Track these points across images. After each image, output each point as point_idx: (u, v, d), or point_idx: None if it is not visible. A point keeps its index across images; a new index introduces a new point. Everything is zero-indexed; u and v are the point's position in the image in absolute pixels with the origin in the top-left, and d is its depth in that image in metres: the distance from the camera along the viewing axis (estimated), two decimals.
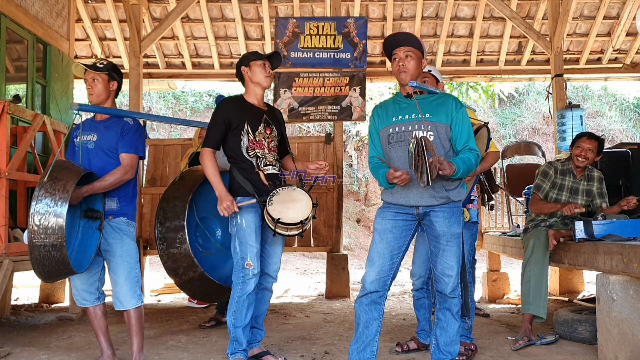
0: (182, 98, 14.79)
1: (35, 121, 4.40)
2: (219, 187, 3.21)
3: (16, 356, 3.63)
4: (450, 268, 2.83)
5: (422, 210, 2.84)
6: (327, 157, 6.57)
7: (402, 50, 2.91)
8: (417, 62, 2.91)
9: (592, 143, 4.08)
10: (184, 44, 7.83)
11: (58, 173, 2.88)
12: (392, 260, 2.87)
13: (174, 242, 3.74)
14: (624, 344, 3.14)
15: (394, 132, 2.88)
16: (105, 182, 3.10)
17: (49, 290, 5.90)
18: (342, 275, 6.32)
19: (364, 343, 2.91)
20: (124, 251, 3.17)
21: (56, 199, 2.79)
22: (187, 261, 3.71)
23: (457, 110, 2.86)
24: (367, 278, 2.88)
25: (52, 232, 2.76)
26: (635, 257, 3.05)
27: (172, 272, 3.82)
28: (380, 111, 2.99)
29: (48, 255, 2.79)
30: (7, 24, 5.36)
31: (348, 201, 12.81)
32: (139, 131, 3.30)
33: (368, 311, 2.90)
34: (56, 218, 2.77)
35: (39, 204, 2.77)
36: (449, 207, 2.84)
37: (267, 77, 3.39)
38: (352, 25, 6.85)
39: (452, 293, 2.87)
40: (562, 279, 6.19)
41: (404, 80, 2.90)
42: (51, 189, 2.80)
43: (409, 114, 2.88)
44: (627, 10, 7.55)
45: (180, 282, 3.84)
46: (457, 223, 2.85)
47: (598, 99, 15.72)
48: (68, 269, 2.88)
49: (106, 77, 3.27)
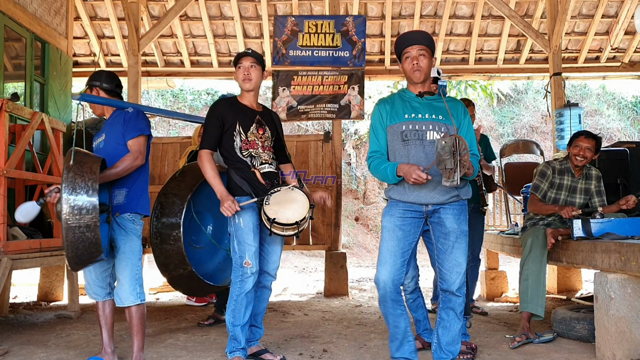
0: (180, 96, 14.79)
1: (34, 119, 4.40)
2: (219, 189, 3.21)
3: (15, 354, 3.63)
4: (458, 265, 2.86)
5: (432, 208, 2.86)
6: (326, 155, 6.58)
7: (415, 48, 2.89)
8: (429, 61, 2.92)
9: (589, 142, 4.08)
10: (183, 42, 7.82)
11: (82, 157, 2.90)
12: (403, 258, 2.89)
13: (168, 238, 3.77)
14: (622, 342, 3.16)
15: (407, 129, 2.86)
16: (116, 169, 3.10)
17: (48, 289, 5.90)
18: (341, 273, 6.33)
19: (398, 340, 2.96)
20: (127, 249, 3.17)
21: (86, 179, 2.79)
22: (178, 258, 3.77)
23: (465, 116, 2.95)
24: (380, 277, 2.87)
25: (86, 212, 2.76)
26: (633, 255, 3.06)
27: (163, 268, 3.89)
28: (387, 107, 2.95)
29: (82, 237, 2.79)
30: (5, 21, 5.35)
31: (347, 199, 12.82)
32: (140, 115, 3.31)
33: (393, 312, 2.93)
34: (89, 198, 2.77)
35: (69, 185, 2.77)
36: (458, 205, 2.87)
37: (244, 80, 3.37)
38: (350, 23, 6.84)
39: (458, 291, 2.88)
40: (560, 278, 6.20)
41: (419, 78, 2.90)
42: (79, 171, 2.81)
43: (422, 113, 2.88)
44: (625, 8, 7.56)
45: (170, 278, 3.93)
46: (465, 221, 2.89)
47: (596, 97, 15.74)
48: (99, 251, 2.87)
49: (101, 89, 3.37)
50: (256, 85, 3.42)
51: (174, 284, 3.98)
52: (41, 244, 4.34)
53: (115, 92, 3.42)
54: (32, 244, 4.24)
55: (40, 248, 4.32)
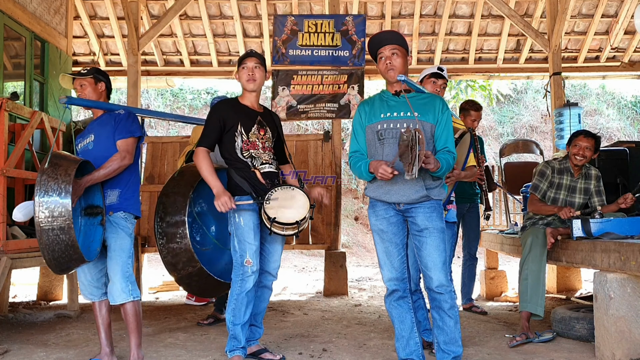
0: (180, 95, 14.78)
1: (33, 118, 4.40)
2: (216, 185, 3.21)
3: (14, 353, 3.63)
4: (433, 261, 2.86)
5: (404, 207, 2.91)
6: (326, 154, 6.58)
7: (387, 48, 2.96)
8: (403, 60, 2.97)
9: (589, 141, 4.09)
10: (182, 42, 7.82)
11: (58, 160, 2.92)
12: (399, 255, 2.96)
13: (174, 237, 3.74)
14: (621, 342, 3.16)
15: (382, 128, 2.92)
16: (105, 170, 3.11)
17: (47, 288, 5.89)
18: (340, 272, 6.33)
19: (404, 338, 3.00)
20: (117, 246, 3.17)
21: (59, 182, 2.83)
22: (186, 256, 3.72)
23: (443, 112, 2.95)
24: (385, 278, 2.99)
25: (58, 215, 2.80)
26: (633, 255, 3.07)
27: (171, 267, 3.82)
28: (367, 108, 3.03)
29: (57, 239, 2.82)
30: (5, 21, 5.35)
31: (346, 199, 12.82)
32: (131, 117, 3.32)
33: (397, 307, 3.00)
34: (62, 200, 2.81)
35: (42, 188, 2.80)
36: (429, 204, 2.90)
37: (248, 80, 3.38)
38: (350, 23, 6.84)
39: (438, 288, 2.88)
40: (559, 277, 6.20)
41: (392, 77, 2.96)
42: (53, 174, 2.84)
43: (398, 111, 2.93)
44: (625, 8, 7.56)
45: (179, 277, 3.85)
46: (439, 218, 2.90)
47: (596, 97, 15.75)
48: (77, 253, 2.89)
49: (92, 80, 3.36)
50: (259, 85, 3.44)
51: (184, 283, 3.91)
52: None
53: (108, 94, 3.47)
54: (32, 243, 4.24)
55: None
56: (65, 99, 3.28)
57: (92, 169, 3.10)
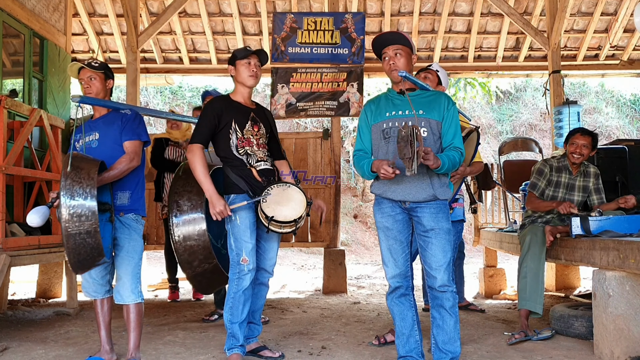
0: (179, 93, 14.77)
1: (32, 116, 4.39)
2: (209, 190, 3.19)
3: (13, 351, 3.63)
4: (437, 262, 2.87)
5: (409, 205, 2.92)
6: (325, 152, 6.58)
7: (391, 48, 2.97)
8: (407, 59, 2.98)
9: (586, 139, 4.09)
10: (182, 39, 7.81)
11: (79, 163, 2.91)
12: (404, 252, 2.96)
13: (192, 234, 3.70)
14: (620, 340, 3.16)
15: (388, 127, 2.93)
16: (114, 172, 3.11)
17: (46, 285, 5.90)
18: (340, 270, 6.34)
19: (405, 335, 3.01)
20: (130, 247, 3.20)
21: (84, 186, 2.81)
22: (204, 253, 3.67)
23: (448, 109, 2.94)
24: (388, 275, 2.99)
25: (85, 219, 2.78)
26: (632, 253, 3.07)
27: (186, 265, 3.76)
28: (372, 106, 3.05)
29: (83, 242, 2.81)
30: (3, 18, 5.34)
31: (345, 197, 12.82)
32: (138, 118, 3.32)
33: (399, 304, 3.01)
34: (88, 204, 2.79)
35: (67, 193, 2.78)
36: (435, 204, 2.90)
37: (251, 76, 3.38)
38: (349, 20, 6.83)
39: (441, 288, 2.89)
40: (558, 275, 6.21)
41: (396, 77, 2.96)
42: (77, 178, 2.82)
43: (403, 109, 2.94)
44: (624, 6, 7.56)
45: (193, 275, 3.80)
46: (445, 218, 2.90)
47: (595, 95, 15.75)
48: (101, 255, 2.89)
49: (103, 75, 3.32)
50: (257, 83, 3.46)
51: (196, 280, 3.88)
52: (40, 241, 4.34)
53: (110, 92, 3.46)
54: (31, 240, 4.24)
55: (38, 245, 4.32)
56: (78, 98, 3.26)
57: (104, 169, 3.09)
